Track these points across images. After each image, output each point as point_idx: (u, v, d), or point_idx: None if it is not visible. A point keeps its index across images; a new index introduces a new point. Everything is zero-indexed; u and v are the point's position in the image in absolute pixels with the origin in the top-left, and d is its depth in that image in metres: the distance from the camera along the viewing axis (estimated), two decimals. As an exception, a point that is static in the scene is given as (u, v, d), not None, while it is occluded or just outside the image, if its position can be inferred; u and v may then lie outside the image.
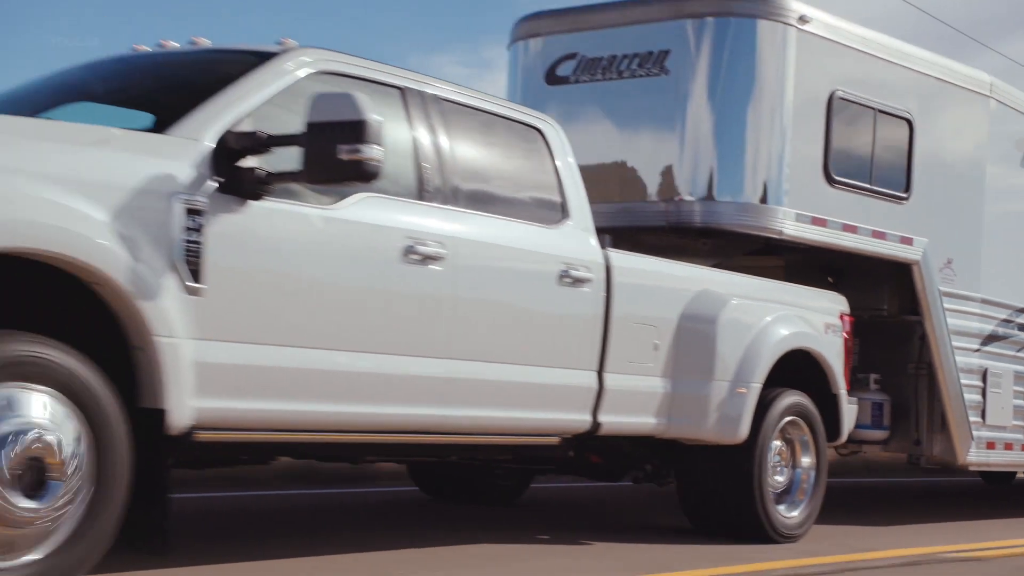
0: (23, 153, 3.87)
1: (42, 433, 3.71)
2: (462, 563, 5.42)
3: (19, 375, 3.70)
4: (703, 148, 7.26)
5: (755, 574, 5.71)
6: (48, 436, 3.72)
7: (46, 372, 3.75)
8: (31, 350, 3.72)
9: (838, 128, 7.54)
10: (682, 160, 7.29)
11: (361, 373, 4.75)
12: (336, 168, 4.26)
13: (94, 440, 3.85)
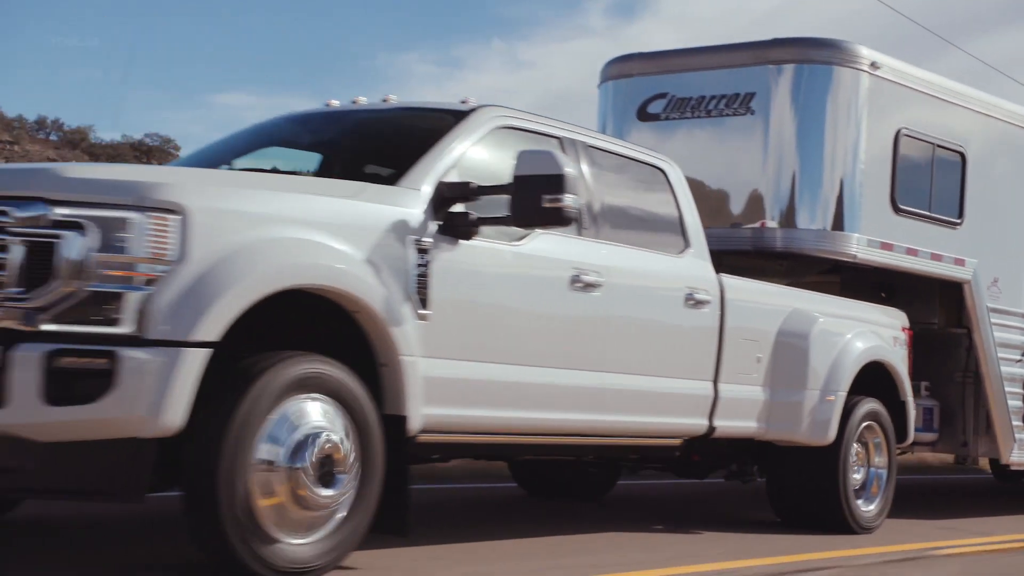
0: (297, 205, 4.69)
1: (329, 435, 4.53)
2: (607, 549, 6.24)
3: (307, 388, 4.51)
4: (785, 180, 8.10)
5: (846, 558, 6.51)
6: (333, 437, 4.54)
7: (325, 385, 4.57)
8: (315, 368, 4.54)
9: (902, 161, 8.40)
10: (766, 191, 8.13)
11: (540, 384, 5.58)
12: (540, 214, 5.08)
13: (359, 440, 4.66)
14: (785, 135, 8.11)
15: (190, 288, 4.22)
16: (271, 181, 4.91)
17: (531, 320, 5.53)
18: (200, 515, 4.30)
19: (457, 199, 5.19)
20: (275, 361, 4.42)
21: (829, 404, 7.24)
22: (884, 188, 8.30)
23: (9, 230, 4.21)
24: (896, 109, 8.38)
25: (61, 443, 4.14)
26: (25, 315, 4.16)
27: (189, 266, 4.24)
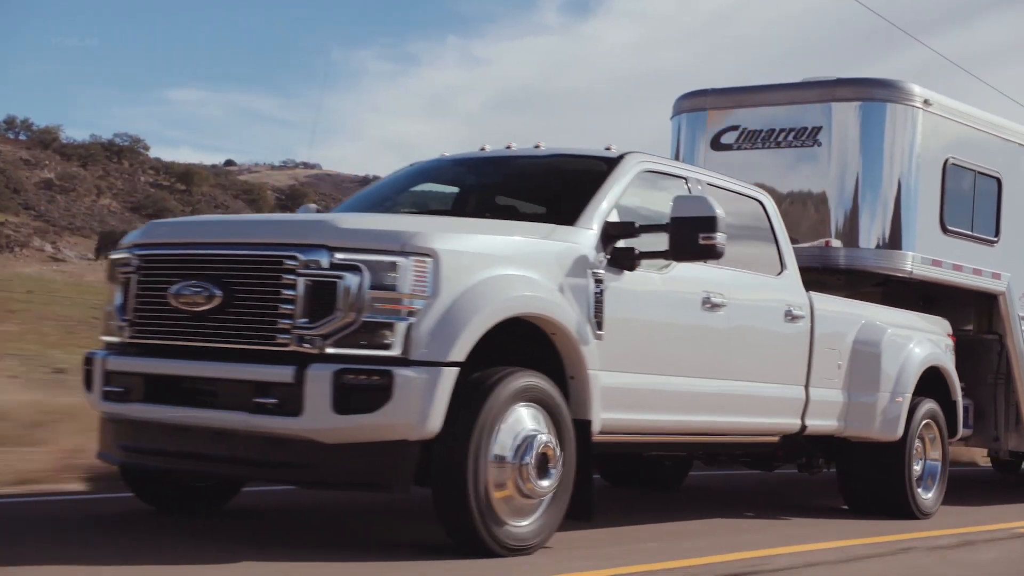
0: (510, 246, 5.67)
1: (544, 436, 5.50)
2: (715, 532, 7.23)
3: (525, 398, 5.49)
4: (848, 205, 9.13)
5: (919, 539, 7.50)
6: (544, 437, 5.52)
7: (537, 395, 5.55)
8: (530, 381, 5.52)
9: (949, 187, 9.46)
10: (831, 214, 9.15)
11: (683, 392, 6.58)
12: (696, 250, 6.08)
13: (559, 439, 5.64)
14: (848, 165, 9.14)
15: (442, 318, 5.19)
16: (486, 226, 5.87)
17: (675, 336, 6.53)
18: (450, 503, 5.26)
19: (621, 236, 6.17)
20: (503, 376, 5.39)
21: (898, 404, 8.28)
22: (934, 211, 9.35)
23: (298, 272, 5.16)
24: (944, 140, 9.43)
25: (345, 444, 5.10)
26: (313, 341, 5.11)
27: (441, 300, 5.21)
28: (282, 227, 5.49)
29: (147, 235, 5.81)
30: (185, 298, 5.36)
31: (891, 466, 8.39)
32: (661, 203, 6.54)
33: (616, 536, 6.55)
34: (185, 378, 5.41)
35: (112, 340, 5.81)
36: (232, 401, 5.23)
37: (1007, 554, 7.46)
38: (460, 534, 5.34)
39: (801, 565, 6.01)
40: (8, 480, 7.11)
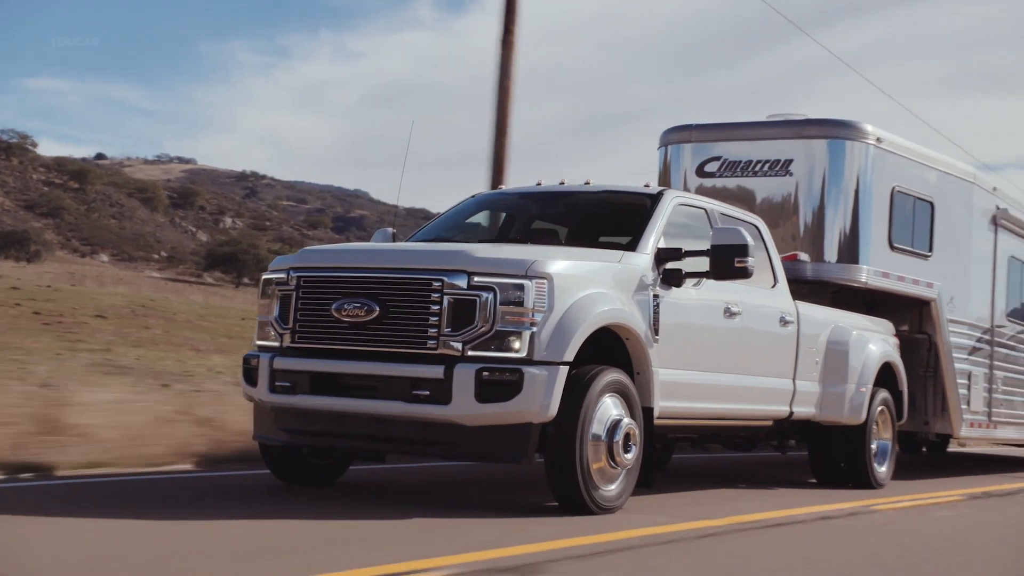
0: (602, 270, 7.13)
1: (627, 420, 6.99)
2: (724, 498, 8.77)
3: (612, 389, 6.97)
4: (815, 226, 10.79)
5: (878, 504, 9.18)
6: (627, 421, 7.01)
7: (620, 387, 7.03)
8: (616, 376, 7.00)
9: (895, 210, 11.19)
10: (799, 233, 10.80)
11: (712, 384, 8.14)
12: (732, 271, 7.63)
13: (633, 422, 7.13)
14: (815, 191, 10.81)
15: (557, 327, 6.65)
16: (577, 253, 7.31)
17: (708, 340, 8.08)
18: (561, 472, 6.73)
19: (671, 259, 7.69)
20: (597, 372, 6.86)
21: (862, 394, 9.96)
22: (884, 231, 11.07)
23: (444, 291, 6.57)
24: (891, 171, 11.16)
25: (483, 426, 6.52)
26: (457, 346, 6.53)
27: (555, 313, 6.66)
28: (430, 256, 6.86)
29: (302, 260, 7.14)
30: (347, 311, 6.73)
31: (855, 445, 10.07)
32: (690, 228, 8.12)
33: (666, 500, 8.07)
34: (347, 375, 6.77)
35: (271, 344, 7.12)
36: (392, 393, 6.62)
37: (956, 512, 9.18)
38: (567, 496, 6.81)
39: (797, 522, 7.60)
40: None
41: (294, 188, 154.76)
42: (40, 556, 4.98)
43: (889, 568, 6.00)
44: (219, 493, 7.47)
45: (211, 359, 19.45)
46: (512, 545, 5.60)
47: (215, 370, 16.57)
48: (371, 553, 5.28)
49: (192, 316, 34.18)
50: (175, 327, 28.79)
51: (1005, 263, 13.65)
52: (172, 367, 16.43)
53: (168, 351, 21.09)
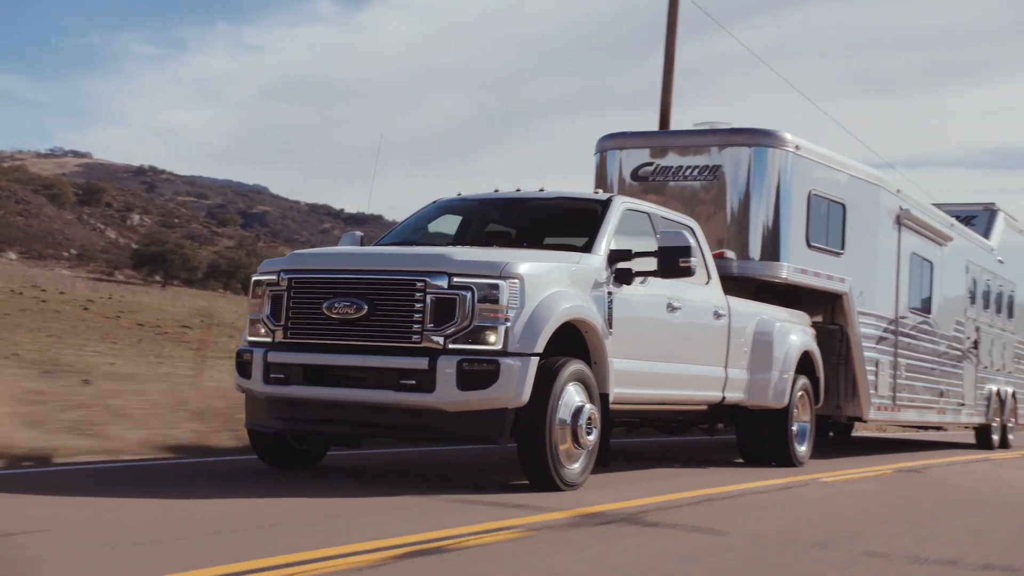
0: (558, 270, 7.90)
1: (589, 406, 7.79)
2: (666, 476, 9.63)
3: (575, 378, 7.75)
4: (740, 226, 11.72)
5: (797, 480, 10.13)
6: (589, 407, 7.80)
7: (582, 376, 7.82)
8: (578, 366, 7.78)
9: (812, 212, 12.17)
10: (726, 233, 11.71)
11: (659, 373, 8.97)
12: (678, 270, 8.48)
13: (593, 407, 7.92)
14: (740, 194, 11.73)
15: (528, 322, 7.41)
16: (542, 255, 8.08)
17: (654, 332, 8.91)
18: (532, 452, 7.49)
19: (622, 260, 8.50)
20: (564, 362, 7.65)
21: (785, 380, 10.91)
22: (802, 231, 12.04)
23: (427, 291, 7.29)
24: (808, 176, 12.14)
25: (463, 412, 7.26)
26: (439, 340, 7.26)
27: (526, 310, 7.43)
28: (414, 259, 7.57)
29: (292, 263, 7.80)
30: (338, 309, 7.42)
31: (778, 427, 11.03)
32: (635, 230, 8.96)
33: (620, 478, 8.89)
34: (339, 367, 7.46)
35: (263, 340, 7.77)
36: (381, 383, 7.32)
37: (873, 486, 10.18)
38: (537, 475, 7.58)
39: (735, 496, 8.49)
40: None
41: (194, 183, 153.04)
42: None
43: (819, 526, 6.89)
44: (208, 476, 8.09)
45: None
46: (492, 520, 6.34)
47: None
48: (366, 521, 5.99)
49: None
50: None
51: (908, 259, 14.78)
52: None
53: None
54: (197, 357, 15.89)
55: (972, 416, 17.74)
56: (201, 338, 22.58)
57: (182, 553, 4.95)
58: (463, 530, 5.83)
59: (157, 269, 73.44)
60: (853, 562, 5.77)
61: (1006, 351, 19.79)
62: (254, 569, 4.59)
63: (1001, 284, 19.53)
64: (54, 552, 4.91)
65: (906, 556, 6.03)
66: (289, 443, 8.32)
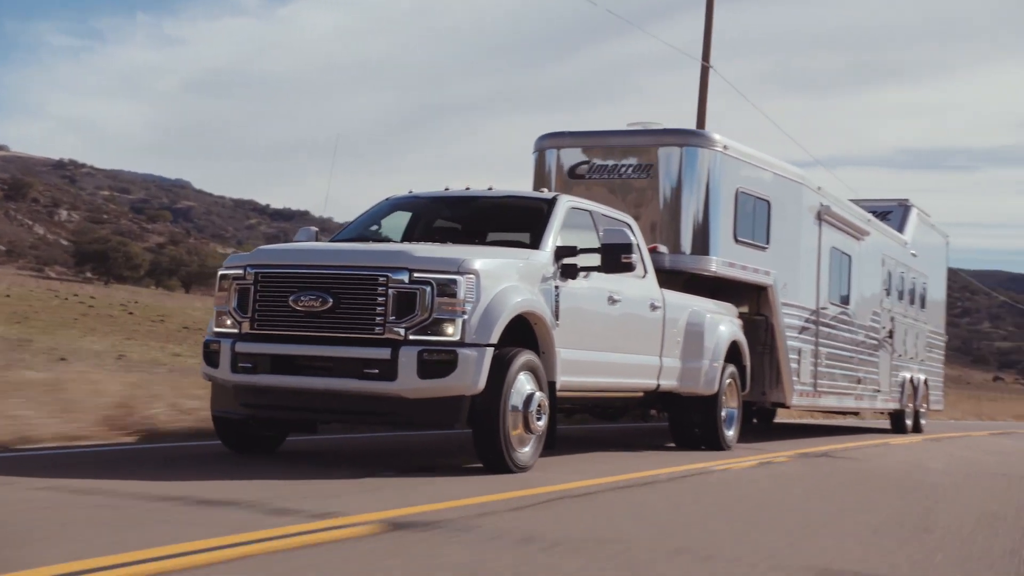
0: (509, 265, 8.40)
1: (539, 393, 8.31)
2: (605, 460, 10.20)
3: (526, 367, 8.27)
4: (672, 221, 12.33)
5: (725, 463, 10.77)
6: (539, 394, 8.32)
7: (532, 365, 8.34)
8: (529, 356, 8.30)
9: (739, 209, 12.83)
10: (659, 228, 12.32)
11: (602, 362, 9.53)
12: (620, 265, 9.03)
13: (542, 394, 8.44)
14: (672, 192, 12.34)
15: (483, 315, 7.91)
16: (495, 252, 8.57)
17: (596, 323, 9.46)
18: (486, 437, 7.99)
19: (567, 255, 9.03)
20: (516, 353, 8.16)
21: (715, 368, 11.55)
22: (729, 226, 12.69)
23: (389, 286, 7.75)
24: (735, 174, 12.79)
25: (423, 399, 7.74)
26: (400, 331, 7.72)
27: (481, 303, 7.92)
28: (377, 256, 8.02)
29: (258, 258, 8.21)
30: (303, 302, 7.85)
31: (708, 413, 11.66)
32: (578, 227, 9.50)
33: (565, 461, 9.43)
34: (305, 357, 7.89)
35: (229, 331, 8.16)
36: (345, 371, 7.77)
37: (791, 468, 10.85)
38: (490, 458, 8.09)
39: (676, 478, 9.08)
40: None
41: (116, 177, 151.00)
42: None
43: (752, 502, 7.50)
44: (173, 460, 8.46)
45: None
46: (445, 500, 6.83)
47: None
48: (324, 502, 6.44)
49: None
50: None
51: (828, 253, 15.55)
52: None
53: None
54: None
55: (887, 402, 18.64)
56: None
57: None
58: (426, 507, 6.32)
59: (99, 267, 73.25)
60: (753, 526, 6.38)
61: (919, 340, 20.75)
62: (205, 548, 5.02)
63: (914, 277, 20.47)
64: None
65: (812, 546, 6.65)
66: (250, 429, 8.74)
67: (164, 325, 45.14)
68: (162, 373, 16.13)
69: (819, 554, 5.63)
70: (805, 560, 5.39)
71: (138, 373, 14.66)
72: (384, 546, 5.18)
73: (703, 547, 5.62)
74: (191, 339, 35.86)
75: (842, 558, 5.53)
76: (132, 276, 75.19)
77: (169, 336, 39.00)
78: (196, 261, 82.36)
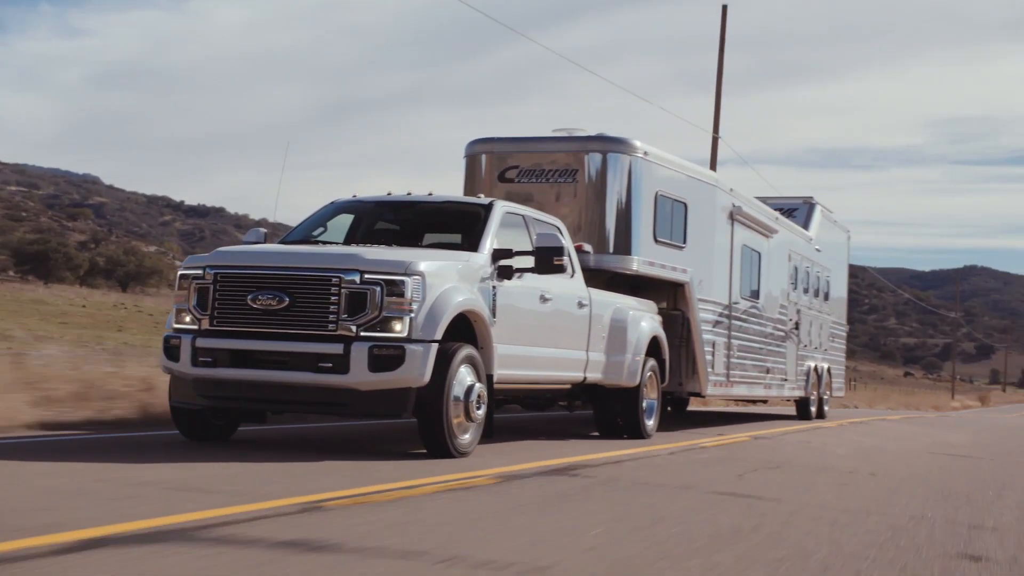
0: (452, 267, 9.06)
1: (478, 385, 8.98)
2: (542, 446, 10.90)
3: (467, 361, 8.94)
4: (596, 223, 13.07)
5: (648, 451, 11.56)
6: (479, 386, 9.00)
7: (472, 359, 9.01)
8: (470, 351, 8.97)
9: (659, 210, 13.63)
10: (583, 230, 13.05)
11: (535, 356, 10.23)
12: (552, 267, 9.74)
13: (482, 386, 9.11)
14: (596, 195, 13.09)
15: (429, 313, 8.56)
16: (438, 255, 9.20)
17: (529, 320, 10.16)
18: (431, 425, 8.65)
19: (504, 257, 9.71)
20: (458, 347, 8.82)
21: (637, 362, 12.32)
22: (649, 227, 13.48)
23: (342, 286, 8.36)
24: (655, 178, 13.58)
25: (373, 391, 8.37)
26: (352, 328, 8.34)
27: (427, 302, 8.57)
28: (330, 258, 8.61)
29: (218, 259, 8.76)
30: (261, 301, 8.42)
31: (630, 404, 12.44)
32: (512, 230, 10.18)
33: (501, 448, 10.12)
34: (262, 351, 8.46)
35: (189, 327, 8.70)
36: (300, 365, 8.37)
37: (710, 454, 11.67)
38: (434, 445, 8.75)
39: (603, 464, 9.82)
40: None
41: (23, 172, 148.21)
42: None
43: (674, 487, 8.26)
44: (136, 446, 8.98)
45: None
46: (402, 479, 7.47)
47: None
48: (283, 486, 7.05)
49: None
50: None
51: (740, 251, 16.45)
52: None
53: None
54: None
55: (794, 390, 19.68)
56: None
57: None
58: (349, 492, 6.96)
59: (38, 267, 73.31)
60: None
61: (823, 331, 21.85)
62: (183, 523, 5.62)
63: (819, 271, 21.56)
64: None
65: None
66: (206, 418, 9.28)
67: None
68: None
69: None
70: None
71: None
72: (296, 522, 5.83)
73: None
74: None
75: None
76: (71, 277, 75.01)
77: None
78: (134, 261, 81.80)
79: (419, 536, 5.39)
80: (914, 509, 7.68)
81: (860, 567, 5.35)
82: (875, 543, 6.09)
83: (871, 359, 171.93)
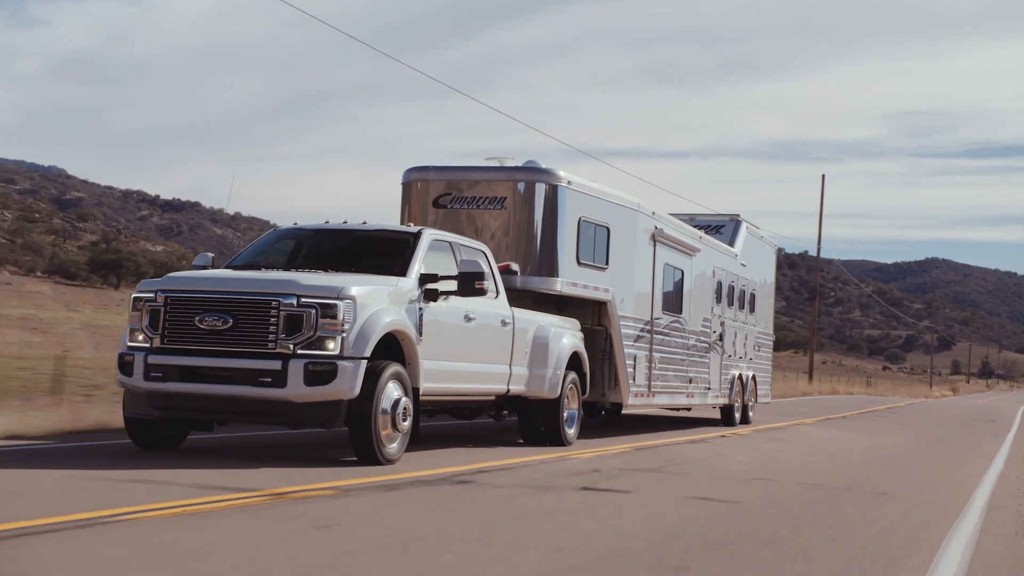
0: (381, 291, 10.06)
1: (405, 399, 9.99)
2: (464, 453, 11.92)
3: (393, 377, 9.94)
4: (523, 247, 14.11)
5: (565, 456, 12.60)
6: (405, 400, 10.00)
7: (398, 374, 10.01)
8: (396, 367, 9.97)
9: (582, 235, 14.69)
10: (511, 253, 14.09)
11: (459, 371, 11.25)
12: (473, 291, 10.77)
13: (408, 399, 10.12)
14: (523, 222, 14.13)
15: (359, 333, 9.56)
16: (368, 280, 10.19)
17: (454, 338, 11.19)
18: (361, 435, 9.65)
19: (430, 282, 10.72)
20: (385, 365, 9.82)
21: (558, 375, 13.38)
22: (572, 250, 14.54)
23: (281, 309, 9.35)
24: (578, 205, 14.65)
25: (308, 403, 9.35)
26: (290, 347, 9.32)
27: (357, 323, 9.57)
28: (270, 283, 9.59)
29: (169, 284, 9.72)
30: (207, 322, 9.39)
31: (552, 414, 13.49)
32: (440, 256, 11.21)
33: (426, 455, 11.11)
34: (208, 367, 9.42)
35: (142, 345, 9.64)
36: (242, 380, 9.34)
37: (622, 460, 12.73)
38: (364, 452, 9.74)
39: (476, 472, 10.84)
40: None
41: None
42: None
43: (590, 479, 9.30)
44: (86, 455, 9.90)
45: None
46: (330, 480, 8.47)
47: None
48: (231, 484, 8.02)
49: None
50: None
51: (662, 269, 17.57)
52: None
53: None
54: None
55: (718, 398, 20.83)
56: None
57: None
58: (284, 489, 7.95)
59: (110, 275, 77.34)
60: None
61: (748, 341, 23.04)
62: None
63: (744, 284, 22.75)
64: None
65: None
66: (157, 429, 10.22)
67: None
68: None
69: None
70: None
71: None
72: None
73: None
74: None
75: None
76: (135, 281, 76.97)
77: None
78: (179, 262, 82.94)
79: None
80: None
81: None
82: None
83: (837, 351, 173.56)
